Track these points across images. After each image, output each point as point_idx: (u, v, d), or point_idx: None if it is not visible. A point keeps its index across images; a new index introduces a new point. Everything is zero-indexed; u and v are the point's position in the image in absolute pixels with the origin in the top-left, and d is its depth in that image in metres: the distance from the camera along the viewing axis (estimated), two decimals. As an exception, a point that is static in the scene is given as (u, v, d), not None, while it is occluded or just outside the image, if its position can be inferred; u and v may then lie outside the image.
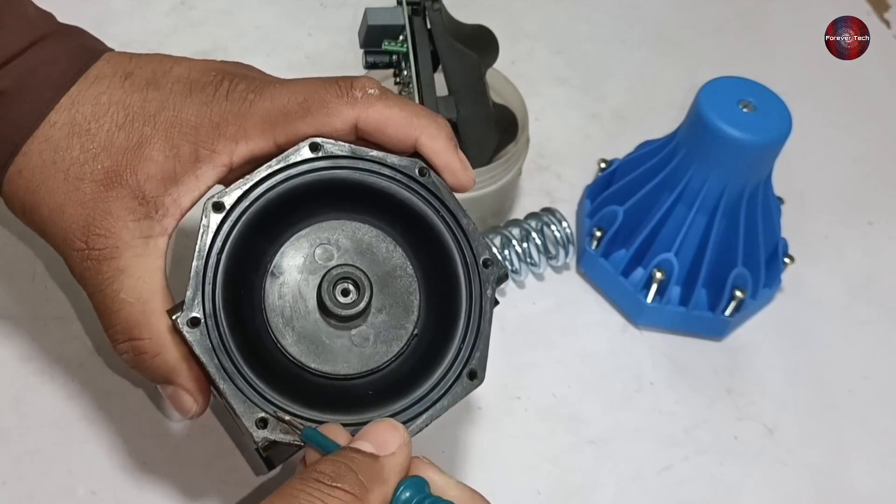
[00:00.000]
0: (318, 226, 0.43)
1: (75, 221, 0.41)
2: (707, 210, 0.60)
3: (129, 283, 0.41)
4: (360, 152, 0.43)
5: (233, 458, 0.53)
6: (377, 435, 0.36)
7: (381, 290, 0.43)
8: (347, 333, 0.42)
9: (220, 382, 0.39)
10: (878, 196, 0.76)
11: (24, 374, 0.54)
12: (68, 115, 0.42)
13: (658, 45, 0.84)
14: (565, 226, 0.63)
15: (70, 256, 0.42)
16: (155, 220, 0.41)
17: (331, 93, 0.42)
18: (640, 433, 0.59)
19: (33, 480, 0.50)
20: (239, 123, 0.42)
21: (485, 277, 0.43)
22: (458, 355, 0.42)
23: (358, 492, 0.34)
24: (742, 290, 0.61)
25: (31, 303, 0.57)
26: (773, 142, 0.57)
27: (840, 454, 0.59)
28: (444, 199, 0.43)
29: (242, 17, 0.78)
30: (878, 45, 0.85)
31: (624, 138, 0.72)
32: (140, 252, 0.41)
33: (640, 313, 0.63)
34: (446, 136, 0.44)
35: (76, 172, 0.41)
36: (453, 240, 0.43)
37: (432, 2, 0.61)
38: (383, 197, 0.43)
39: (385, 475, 0.35)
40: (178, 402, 0.43)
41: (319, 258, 0.43)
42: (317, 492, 0.33)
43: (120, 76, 0.43)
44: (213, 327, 0.39)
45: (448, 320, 0.43)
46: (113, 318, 0.41)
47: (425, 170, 0.43)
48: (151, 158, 0.41)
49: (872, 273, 0.70)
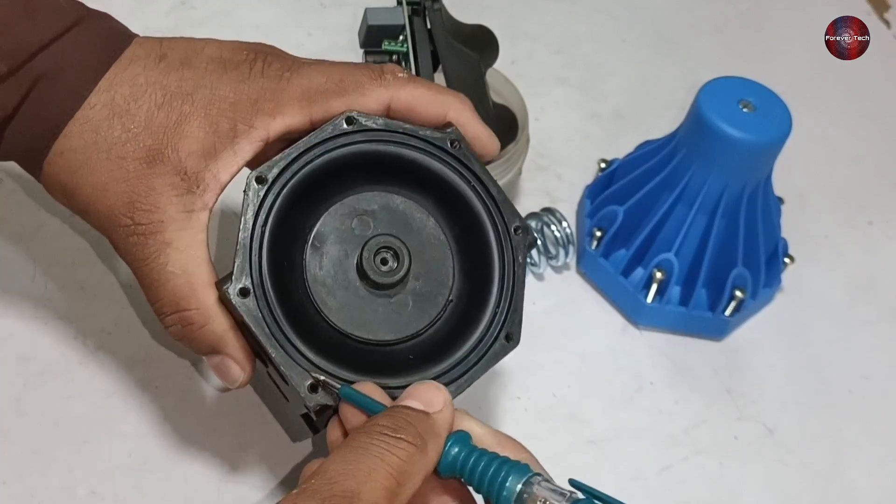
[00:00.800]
0: (354, 197, 0.45)
1: (119, 198, 0.42)
2: (707, 210, 0.60)
3: (174, 256, 0.42)
4: (393, 125, 0.44)
5: (233, 459, 0.53)
6: (423, 394, 0.39)
7: (417, 258, 0.45)
8: (387, 300, 0.44)
9: (271, 350, 0.41)
10: (878, 196, 0.76)
11: (24, 374, 0.54)
12: (107, 96, 0.43)
13: (658, 45, 0.84)
14: (565, 226, 0.63)
15: (115, 233, 0.43)
16: (196, 194, 0.42)
17: (365, 75, 0.45)
18: (640, 433, 0.59)
19: (33, 480, 0.50)
20: (276, 100, 0.43)
21: (516, 243, 0.46)
22: (494, 319, 0.45)
23: (419, 443, 0.36)
24: (742, 290, 0.61)
25: (31, 303, 0.57)
26: (774, 142, 0.57)
27: (840, 454, 0.59)
28: (475, 168, 0.45)
29: (242, 17, 0.78)
30: (878, 45, 0.85)
31: (624, 138, 0.72)
32: (184, 226, 0.42)
33: (640, 313, 0.63)
34: (471, 110, 0.46)
35: (118, 151, 0.42)
36: (484, 208, 0.45)
37: (432, 2, 0.61)
38: (416, 168, 0.45)
39: (437, 429, 0.38)
40: (226, 372, 0.44)
41: (356, 229, 0.44)
42: (383, 443, 0.35)
43: (154, 58, 0.44)
44: (261, 297, 0.41)
45: (482, 286, 0.45)
46: (160, 290, 0.42)
47: (456, 141, 0.45)
48: (191, 135, 0.42)
49: (872, 273, 0.70)
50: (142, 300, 0.58)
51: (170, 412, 0.54)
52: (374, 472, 0.34)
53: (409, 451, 0.36)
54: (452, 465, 0.38)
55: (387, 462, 0.35)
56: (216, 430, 0.54)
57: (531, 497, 0.36)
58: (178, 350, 0.56)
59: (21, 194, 0.62)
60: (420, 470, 0.36)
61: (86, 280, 0.59)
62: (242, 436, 0.54)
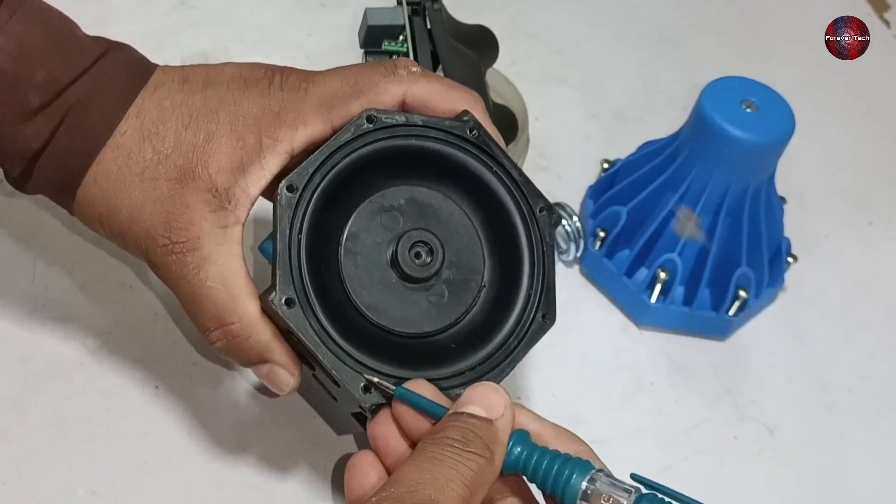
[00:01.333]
0: (380, 194, 0.45)
1: (156, 218, 0.43)
2: (710, 210, 0.60)
3: (213, 271, 0.43)
4: (412, 119, 0.45)
5: (233, 459, 0.53)
6: (483, 398, 0.39)
7: (448, 248, 0.45)
8: (424, 293, 0.45)
9: (322, 357, 0.41)
10: (878, 196, 0.76)
11: (24, 374, 0.54)
12: (137, 122, 0.44)
13: (658, 45, 0.84)
14: (575, 220, 0.63)
15: (154, 253, 0.44)
16: (229, 210, 0.43)
17: (378, 73, 0.46)
18: (640, 433, 0.59)
19: (33, 480, 0.50)
20: (297, 110, 0.44)
21: (542, 224, 0.46)
22: (529, 300, 0.45)
23: (488, 455, 0.37)
24: (746, 290, 0.61)
25: (31, 303, 0.57)
26: (777, 142, 0.57)
27: (840, 454, 0.59)
28: (495, 154, 0.46)
29: (242, 17, 0.78)
30: (878, 45, 0.85)
31: (624, 138, 0.72)
32: (220, 240, 0.43)
33: (643, 313, 0.63)
34: (482, 107, 0.47)
35: (151, 173, 0.43)
36: (508, 192, 0.46)
37: (432, 2, 0.61)
38: (438, 159, 0.45)
39: (501, 437, 0.38)
40: (276, 379, 0.45)
41: (387, 225, 0.45)
42: (456, 455, 0.37)
43: (178, 81, 0.45)
44: (305, 305, 0.42)
45: (513, 269, 0.46)
46: (202, 305, 0.43)
47: (475, 128, 0.46)
48: (220, 151, 0.43)
49: (872, 273, 0.70)
50: (142, 301, 0.58)
51: (170, 412, 0.54)
52: (451, 482, 0.36)
53: (480, 463, 0.37)
54: (515, 464, 0.39)
55: (461, 473, 0.36)
56: (216, 430, 0.54)
57: (595, 493, 0.37)
58: (178, 350, 0.56)
59: (21, 194, 0.62)
60: (489, 478, 0.37)
61: (86, 280, 0.59)
62: (242, 436, 0.53)
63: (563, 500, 0.38)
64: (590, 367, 0.61)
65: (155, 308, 0.58)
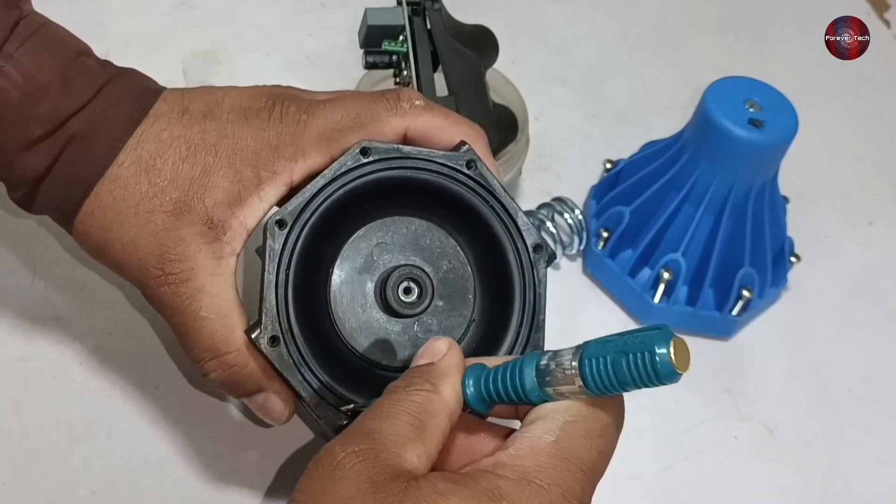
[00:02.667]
0: (372, 225, 0.45)
1: (149, 252, 0.43)
2: (714, 210, 0.60)
3: (207, 301, 0.43)
4: (406, 151, 0.44)
5: (233, 458, 0.53)
6: (428, 349, 0.39)
7: (438, 280, 0.45)
8: (412, 325, 0.45)
9: (304, 395, 0.41)
10: (878, 196, 0.76)
11: (24, 374, 0.54)
12: (134, 154, 0.44)
13: (658, 45, 0.84)
14: (577, 213, 0.63)
15: (147, 285, 0.44)
16: (224, 241, 0.43)
17: (380, 106, 0.45)
18: (639, 433, 0.59)
19: (33, 480, 0.50)
20: (296, 144, 0.44)
21: (536, 261, 0.46)
22: (518, 337, 0.45)
23: (429, 387, 0.37)
24: (749, 290, 0.61)
25: (31, 303, 0.57)
26: (780, 141, 0.57)
27: (840, 454, 0.59)
28: (492, 188, 0.46)
29: (242, 17, 0.78)
30: (878, 45, 0.85)
31: (624, 138, 0.72)
32: (214, 272, 0.43)
33: (647, 313, 0.63)
34: (484, 143, 0.47)
35: (146, 206, 0.43)
36: (502, 227, 0.46)
37: (432, 2, 0.61)
38: (433, 191, 0.45)
39: (445, 371, 0.38)
40: (271, 408, 0.45)
41: (377, 257, 0.45)
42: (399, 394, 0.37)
43: (177, 112, 0.45)
44: (290, 342, 0.41)
45: (503, 304, 0.46)
46: (196, 336, 0.43)
47: (472, 162, 0.45)
48: (217, 185, 0.43)
49: (872, 273, 0.70)
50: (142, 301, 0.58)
51: (170, 412, 0.54)
52: (392, 412, 0.36)
53: (422, 394, 0.36)
54: (478, 395, 0.38)
55: (402, 405, 0.36)
56: (216, 430, 0.54)
57: (549, 373, 0.36)
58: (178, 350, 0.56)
59: (21, 194, 0.62)
60: (439, 409, 0.37)
61: (86, 280, 0.59)
62: (242, 436, 0.53)
63: (531, 399, 0.37)
64: (590, 367, 0.61)
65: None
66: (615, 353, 0.33)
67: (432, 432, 0.36)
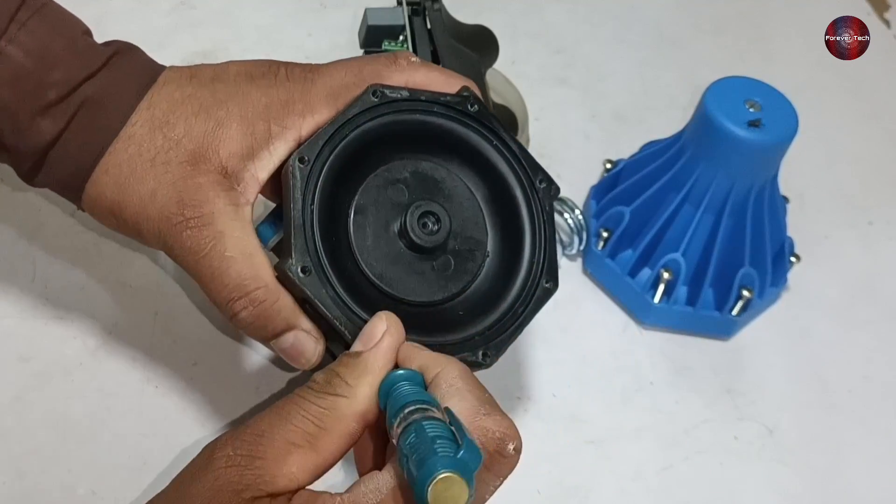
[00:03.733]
0: (386, 167, 0.46)
1: (169, 199, 0.44)
2: (714, 210, 0.60)
3: (231, 243, 0.43)
4: (416, 94, 0.47)
5: (233, 458, 0.53)
6: (366, 331, 0.40)
7: (452, 218, 0.46)
8: (431, 262, 0.46)
9: (339, 324, 0.42)
10: (878, 196, 0.76)
11: (24, 374, 0.54)
12: (147, 113, 0.45)
13: (658, 45, 0.84)
14: (577, 213, 0.63)
15: (169, 234, 0.44)
16: (238, 191, 0.44)
17: (381, 63, 0.48)
18: (640, 433, 0.59)
19: (33, 480, 0.50)
20: (305, 100, 0.46)
21: (542, 195, 0.48)
22: (532, 268, 0.47)
23: (346, 391, 0.37)
24: (749, 290, 0.61)
25: (31, 303, 0.57)
26: (780, 141, 0.57)
27: (840, 454, 0.59)
28: (495, 127, 0.48)
29: (242, 17, 0.78)
30: (878, 45, 0.85)
31: (624, 138, 0.72)
32: (233, 216, 0.44)
33: (647, 313, 0.63)
34: (479, 92, 0.49)
35: (163, 158, 0.44)
36: (508, 165, 0.48)
37: (432, 2, 0.61)
38: (441, 133, 0.47)
39: (369, 367, 0.39)
40: (301, 348, 0.45)
41: (393, 197, 0.46)
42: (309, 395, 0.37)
43: (186, 77, 0.47)
44: (320, 273, 0.42)
45: (515, 238, 0.48)
46: (224, 277, 0.43)
47: (475, 102, 0.48)
48: (230, 137, 0.44)
49: (872, 273, 0.70)
50: (142, 301, 0.58)
51: (170, 412, 0.54)
52: (292, 414, 0.36)
53: (330, 399, 0.37)
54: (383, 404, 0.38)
55: (304, 407, 0.36)
56: (216, 430, 0.54)
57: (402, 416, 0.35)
58: (178, 350, 0.56)
59: (21, 194, 0.62)
60: (347, 413, 0.37)
61: (86, 280, 0.59)
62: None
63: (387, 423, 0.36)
64: (590, 367, 0.61)
65: (155, 308, 0.58)
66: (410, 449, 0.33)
67: (331, 439, 0.36)
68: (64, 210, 0.61)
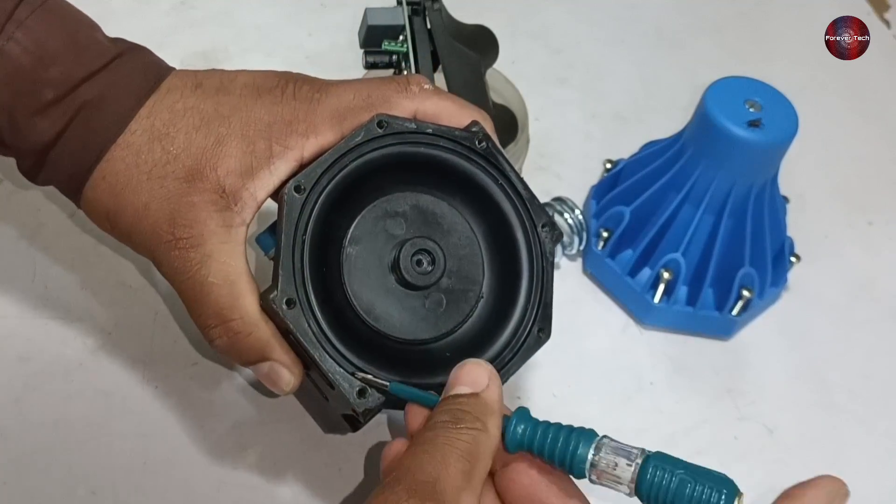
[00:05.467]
0: (386, 198, 0.45)
1: (161, 215, 0.43)
2: (714, 210, 0.60)
3: (216, 267, 0.43)
4: (422, 127, 0.45)
5: (232, 458, 0.53)
6: (468, 375, 0.40)
7: (448, 256, 0.45)
8: (422, 299, 0.45)
9: (319, 360, 0.42)
10: (878, 196, 0.76)
11: (24, 374, 0.54)
12: (147, 122, 0.44)
13: (658, 45, 0.84)
14: (577, 213, 0.63)
15: (158, 250, 0.44)
16: (235, 211, 0.44)
17: (391, 88, 0.46)
18: (640, 433, 0.58)
19: (33, 480, 0.50)
20: (309, 120, 0.45)
21: (544, 240, 0.47)
22: (526, 314, 0.46)
23: (479, 426, 0.38)
24: (749, 290, 0.61)
25: (31, 303, 0.57)
26: (780, 142, 0.57)
27: (840, 454, 0.59)
28: (502, 167, 0.47)
29: (242, 17, 0.78)
30: (878, 45, 0.85)
31: (624, 138, 0.72)
32: (224, 239, 0.43)
33: (647, 313, 0.63)
34: (492, 127, 0.48)
35: (159, 172, 0.44)
36: (511, 206, 0.47)
37: (432, 2, 0.61)
38: (446, 168, 0.46)
39: (491, 406, 0.39)
40: (276, 378, 0.45)
41: (390, 229, 0.45)
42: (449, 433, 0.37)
43: (190, 86, 0.46)
44: (305, 306, 0.42)
45: (512, 281, 0.46)
46: (203, 302, 0.43)
47: (483, 140, 0.46)
48: (229, 155, 0.44)
49: (872, 273, 0.70)
50: (142, 301, 0.58)
51: (170, 412, 0.54)
52: (448, 457, 0.36)
53: (473, 434, 0.37)
54: (521, 442, 0.39)
55: (456, 448, 0.37)
56: (216, 430, 0.54)
57: (602, 460, 0.38)
58: (178, 350, 0.56)
59: (21, 194, 0.62)
60: (487, 448, 0.38)
61: (86, 280, 0.59)
62: (242, 436, 0.53)
63: (573, 471, 0.39)
64: (590, 367, 0.61)
65: (155, 308, 0.58)
66: (684, 475, 0.37)
67: (480, 474, 0.37)
68: (64, 210, 0.61)
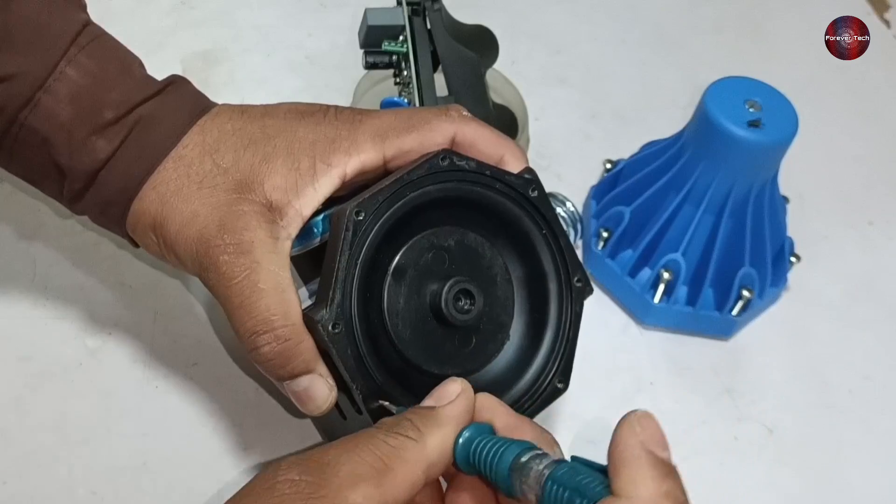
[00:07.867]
0: (433, 231, 0.46)
1: (210, 222, 0.44)
2: (714, 210, 0.60)
3: (265, 274, 0.43)
4: (482, 167, 0.46)
5: (232, 459, 0.53)
6: (439, 391, 0.40)
7: (485, 296, 0.46)
8: (455, 336, 0.46)
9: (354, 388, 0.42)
10: (878, 196, 0.76)
11: (24, 374, 0.54)
12: (199, 138, 0.46)
13: (658, 45, 0.84)
14: (569, 205, 0.64)
15: (206, 256, 0.44)
16: (281, 225, 0.45)
17: (431, 112, 0.48)
18: (640, 433, 0.58)
19: (33, 480, 0.50)
20: (351, 138, 0.46)
21: (576, 294, 0.48)
22: (547, 364, 0.47)
23: (414, 434, 0.37)
24: (749, 290, 0.61)
25: (31, 303, 0.57)
26: (780, 142, 0.57)
27: (840, 454, 0.59)
28: (549, 217, 0.47)
29: (242, 17, 0.78)
30: (878, 45, 0.85)
31: (624, 138, 0.72)
32: (272, 249, 0.44)
33: (647, 313, 0.63)
34: (525, 160, 0.49)
35: (210, 182, 0.45)
36: (550, 256, 0.47)
37: (432, 2, 0.61)
38: (497, 211, 0.47)
39: (441, 421, 0.38)
40: (314, 394, 0.45)
41: (433, 263, 0.46)
42: (379, 433, 0.37)
43: (237, 111, 0.48)
44: (350, 333, 0.42)
45: (538, 329, 0.47)
46: (253, 308, 0.43)
47: (536, 188, 0.47)
48: (275, 171, 0.45)
49: (872, 273, 0.70)
50: (142, 301, 0.58)
51: (170, 412, 0.54)
52: (359, 447, 0.36)
53: (401, 440, 0.37)
54: (464, 455, 0.38)
55: (373, 443, 0.36)
56: (216, 430, 0.54)
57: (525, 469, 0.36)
58: (178, 350, 0.56)
59: (21, 194, 0.62)
60: (413, 457, 0.37)
61: (86, 280, 0.59)
62: (242, 435, 0.54)
63: (498, 482, 0.37)
64: (590, 366, 0.61)
65: (155, 308, 0.58)
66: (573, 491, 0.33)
67: (397, 479, 0.36)
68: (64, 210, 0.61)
